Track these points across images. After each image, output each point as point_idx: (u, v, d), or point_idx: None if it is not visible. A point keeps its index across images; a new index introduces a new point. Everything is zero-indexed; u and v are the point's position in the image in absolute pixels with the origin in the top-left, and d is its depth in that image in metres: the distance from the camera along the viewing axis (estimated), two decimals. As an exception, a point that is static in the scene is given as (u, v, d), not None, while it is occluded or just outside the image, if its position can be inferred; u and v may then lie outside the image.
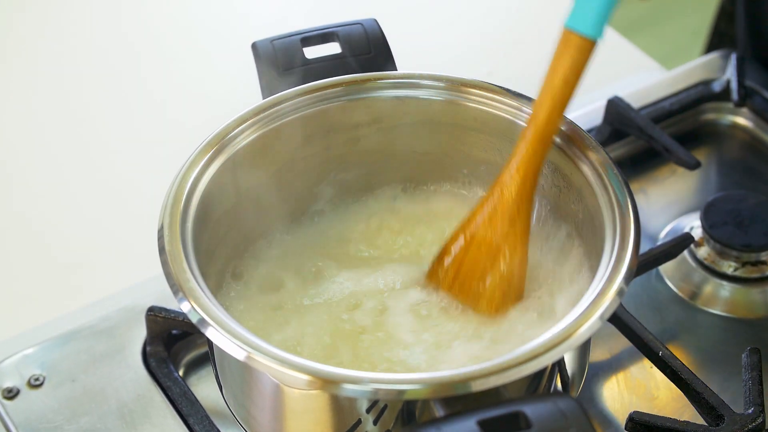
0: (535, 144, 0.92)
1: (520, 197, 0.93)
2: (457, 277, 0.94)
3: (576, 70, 0.91)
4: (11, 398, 1.03)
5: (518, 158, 0.92)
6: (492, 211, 0.93)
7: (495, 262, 0.93)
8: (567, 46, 0.90)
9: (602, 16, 0.90)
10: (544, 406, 0.74)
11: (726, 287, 1.12)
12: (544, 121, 0.91)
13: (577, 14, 0.90)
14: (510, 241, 0.93)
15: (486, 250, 0.93)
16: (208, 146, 0.95)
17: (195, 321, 0.84)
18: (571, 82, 0.91)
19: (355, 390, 0.80)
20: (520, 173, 0.92)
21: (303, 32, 1.02)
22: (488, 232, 0.93)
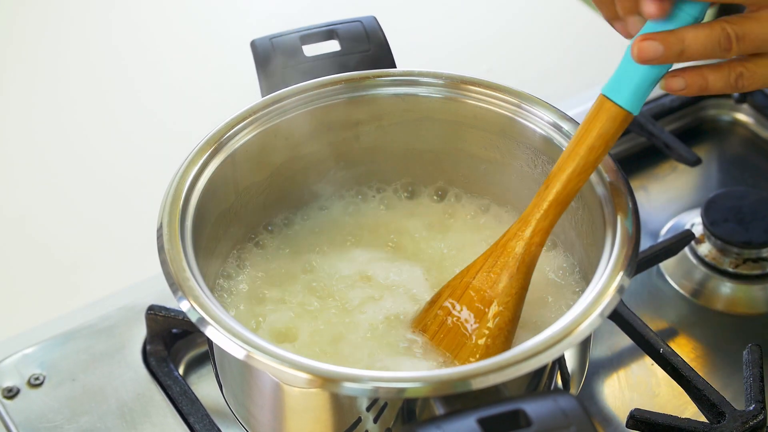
0: (549, 207, 0.90)
1: (524, 255, 0.91)
2: (442, 327, 0.92)
3: (604, 138, 0.88)
4: (11, 398, 1.03)
5: (530, 216, 0.91)
6: (492, 264, 0.91)
7: (485, 315, 0.91)
8: (599, 112, 0.88)
9: (641, 91, 0.87)
10: (545, 404, 0.74)
11: (727, 284, 1.12)
12: (563, 186, 0.89)
13: (616, 84, 0.87)
14: (503, 298, 0.91)
15: (479, 301, 0.91)
16: (207, 144, 0.94)
17: (194, 320, 0.83)
18: (597, 149, 0.88)
19: (356, 388, 0.80)
20: (529, 232, 0.91)
21: (302, 30, 1.02)
22: (485, 285, 0.92)
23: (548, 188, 0.90)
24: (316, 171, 1.02)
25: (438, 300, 0.94)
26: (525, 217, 0.91)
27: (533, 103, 0.97)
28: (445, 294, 0.93)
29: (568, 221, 0.97)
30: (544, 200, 0.90)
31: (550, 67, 1.40)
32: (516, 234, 0.91)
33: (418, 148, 1.03)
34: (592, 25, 1.45)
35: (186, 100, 1.14)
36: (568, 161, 0.89)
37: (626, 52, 0.87)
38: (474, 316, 0.91)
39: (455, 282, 0.93)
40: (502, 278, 0.91)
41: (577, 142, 0.89)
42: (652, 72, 0.86)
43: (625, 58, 0.87)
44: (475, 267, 0.93)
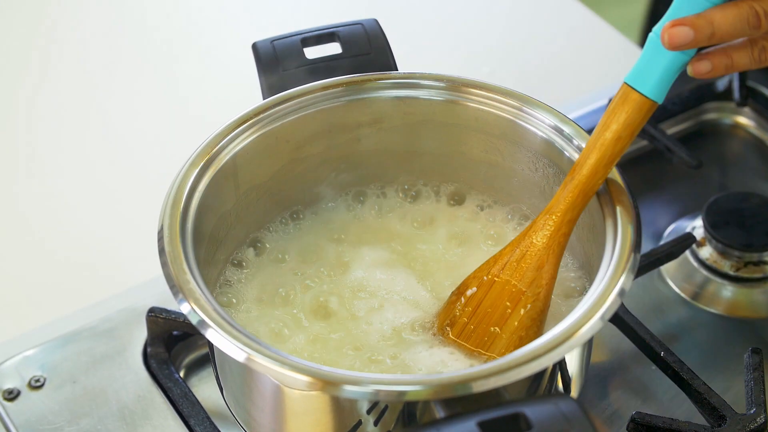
0: (575, 196, 0.90)
1: (551, 246, 0.91)
2: (472, 319, 0.92)
3: (630, 128, 0.88)
4: (12, 399, 1.02)
5: (556, 206, 0.91)
6: (520, 256, 0.91)
7: (516, 308, 0.91)
8: (624, 102, 0.88)
9: (666, 80, 0.87)
10: (545, 407, 0.74)
11: (728, 287, 1.12)
12: (589, 174, 0.89)
13: (640, 73, 0.87)
14: (534, 289, 0.91)
15: (508, 295, 0.91)
16: (209, 147, 0.95)
17: (195, 322, 0.83)
18: (624, 138, 0.88)
19: (356, 391, 0.80)
20: (556, 222, 0.90)
21: (303, 32, 1.02)
22: (513, 277, 0.91)
23: (574, 178, 0.90)
24: (317, 173, 1.02)
25: (463, 292, 0.93)
26: (551, 208, 0.91)
27: (534, 106, 0.97)
28: (472, 285, 0.93)
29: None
30: (570, 191, 0.90)
31: (551, 69, 1.40)
32: (544, 226, 0.91)
33: (419, 151, 1.03)
34: (594, 28, 1.45)
35: (187, 102, 1.14)
36: (594, 151, 0.89)
37: (649, 40, 0.87)
38: (505, 309, 0.91)
39: (480, 274, 0.93)
40: (532, 270, 0.91)
41: (602, 132, 0.89)
42: (677, 59, 0.86)
43: (648, 47, 0.87)
44: (502, 259, 0.92)
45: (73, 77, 1.41)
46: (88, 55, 1.44)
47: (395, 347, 0.93)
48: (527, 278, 0.91)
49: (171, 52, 1.44)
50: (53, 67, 1.42)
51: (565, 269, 0.98)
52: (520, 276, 0.91)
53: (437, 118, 1.00)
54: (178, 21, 1.49)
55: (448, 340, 0.93)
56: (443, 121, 1.00)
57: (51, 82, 1.40)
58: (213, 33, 1.47)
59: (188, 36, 1.47)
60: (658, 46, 0.86)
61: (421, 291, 0.97)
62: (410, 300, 0.96)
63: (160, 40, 1.46)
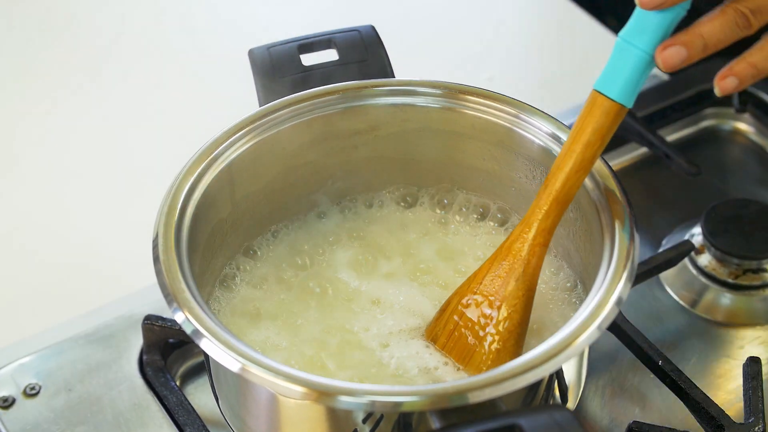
0: (549, 206, 0.90)
1: (529, 257, 0.90)
2: (453, 333, 0.92)
3: (599, 133, 0.88)
4: (7, 407, 1.02)
5: (531, 217, 0.90)
6: (498, 267, 0.91)
7: (494, 320, 0.90)
8: (593, 108, 0.88)
9: (632, 83, 0.87)
10: (540, 418, 0.74)
11: (727, 295, 1.11)
12: (561, 183, 0.89)
13: (607, 78, 0.87)
14: (512, 300, 0.91)
15: (488, 306, 0.91)
16: (204, 154, 0.94)
17: (189, 332, 0.83)
18: (594, 144, 0.88)
19: (351, 402, 0.79)
20: (532, 233, 0.90)
21: (300, 39, 1.02)
22: (491, 289, 0.91)
23: (547, 188, 0.90)
24: (314, 181, 1.02)
25: (447, 308, 0.93)
26: (527, 219, 0.91)
27: (532, 114, 0.97)
28: (454, 302, 0.93)
29: (566, 232, 0.97)
30: (544, 200, 0.90)
31: (549, 76, 1.39)
32: (519, 236, 0.91)
33: (416, 159, 1.02)
34: (593, 34, 1.44)
35: (183, 109, 1.14)
36: (566, 159, 0.89)
37: (616, 45, 0.87)
38: (483, 322, 0.91)
39: (463, 289, 0.93)
40: (509, 281, 0.91)
41: (573, 140, 0.89)
42: (641, 63, 0.87)
43: (615, 52, 0.87)
44: (481, 272, 0.92)
45: (70, 84, 1.41)
46: (86, 62, 1.44)
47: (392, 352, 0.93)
48: (505, 290, 0.91)
49: (167, 58, 1.44)
50: (47, 76, 1.42)
51: (562, 278, 0.98)
52: (498, 288, 0.91)
53: (434, 126, 1.00)
54: (174, 28, 1.49)
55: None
56: (440, 129, 1.00)
57: (49, 88, 1.40)
58: (209, 40, 1.47)
59: (183, 43, 1.47)
60: (624, 51, 0.87)
61: (417, 299, 0.97)
62: (408, 309, 0.96)
63: (155, 47, 1.46)
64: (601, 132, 0.88)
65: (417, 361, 0.92)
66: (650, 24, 0.86)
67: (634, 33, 0.86)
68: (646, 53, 0.86)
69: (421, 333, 0.94)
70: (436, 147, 1.01)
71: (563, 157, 0.89)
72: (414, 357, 0.92)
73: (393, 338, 0.94)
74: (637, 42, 0.86)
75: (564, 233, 0.97)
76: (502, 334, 0.90)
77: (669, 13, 0.86)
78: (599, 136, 0.88)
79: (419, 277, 0.99)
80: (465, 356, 0.91)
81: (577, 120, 0.89)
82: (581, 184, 0.90)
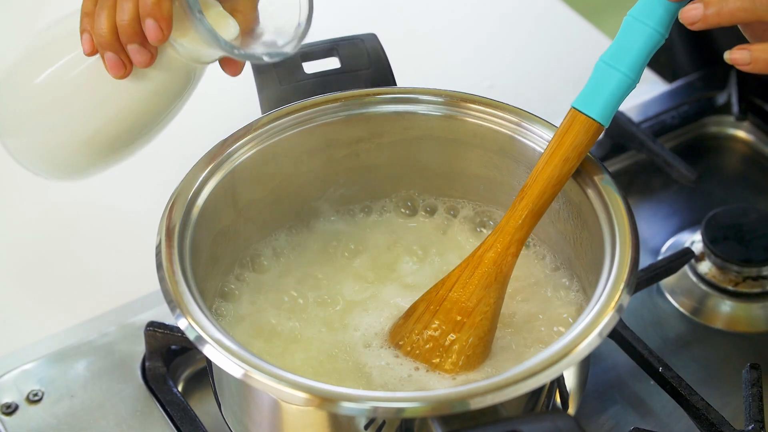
0: (524, 217, 0.91)
1: (500, 265, 0.92)
2: (421, 337, 0.92)
3: (577, 150, 0.90)
4: (10, 414, 1.02)
5: (505, 226, 0.92)
6: (469, 275, 0.92)
7: (464, 327, 0.91)
8: (572, 125, 0.90)
9: (611, 103, 0.90)
10: (542, 425, 0.74)
11: (727, 302, 1.12)
12: (537, 195, 0.91)
13: (586, 97, 0.90)
14: (482, 308, 0.91)
15: (456, 313, 0.92)
16: (207, 162, 0.95)
17: (192, 338, 0.83)
18: (571, 160, 0.91)
19: (354, 408, 0.80)
20: (504, 242, 0.92)
21: (303, 47, 1.02)
22: (462, 296, 0.92)
23: (523, 199, 0.91)
24: (316, 188, 1.02)
25: (413, 314, 0.94)
26: (500, 229, 0.92)
27: (533, 122, 0.97)
28: (421, 307, 0.93)
29: (567, 240, 0.97)
30: (519, 212, 0.92)
31: (551, 84, 1.40)
32: (492, 246, 0.92)
33: (418, 166, 1.03)
34: (595, 43, 1.45)
35: (185, 116, 1.13)
36: (543, 173, 0.91)
37: (596, 67, 0.90)
38: (453, 329, 0.92)
39: (430, 295, 0.94)
40: (480, 289, 0.92)
41: (552, 154, 0.91)
42: (621, 85, 0.89)
43: (596, 73, 0.90)
44: (451, 279, 0.93)
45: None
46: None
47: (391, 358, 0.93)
48: (475, 297, 0.92)
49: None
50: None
51: (563, 286, 0.98)
52: (468, 295, 0.92)
53: (436, 134, 1.00)
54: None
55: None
56: (442, 137, 1.01)
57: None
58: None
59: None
60: (605, 73, 0.90)
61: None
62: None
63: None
64: (579, 149, 0.90)
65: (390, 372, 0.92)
66: (632, 48, 0.89)
67: (615, 56, 0.89)
68: (627, 76, 0.89)
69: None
70: (437, 155, 1.02)
71: (541, 171, 0.91)
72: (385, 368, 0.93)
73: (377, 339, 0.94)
74: (619, 65, 0.89)
75: (566, 241, 0.97)
76: (473, 340, 0.91)
77: (651, 40, 0.88)
78: (577, 153, 0.90)
79: (420, 284, 0.99)
80: (434, 362, 0.92)
81: (555, 135, 0.91)
82: (555, 197, 0.92)
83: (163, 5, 0.88)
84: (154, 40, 0.89)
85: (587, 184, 0.93)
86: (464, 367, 0.91)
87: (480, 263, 0.92)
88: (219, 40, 0.89)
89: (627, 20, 0.89)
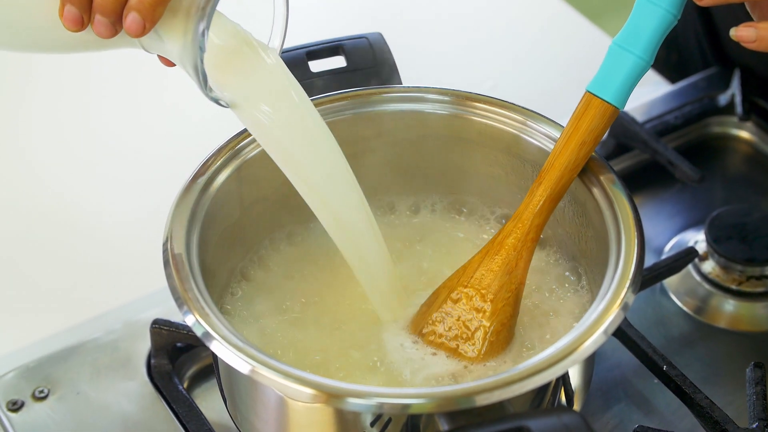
0: (543, 202, 0.92)
1: (521, 251, 0.92)
2: (443, 325, 0.93)
3: (593, 133, 0.91)
4: (16, 410, 1.03)
5: (524, 212, 0.92)
6: (489, 262, 0.93)
7: (486, 313, 0.92)
8: (587, 109, 0.91)
9: (626, 86, 0.90)
10: (549, 420, 0.74)
11: (730, 301, 1.12)
12: (555, 180, 0.91)
13: (601, 80, 0.91)
14: (504, 294, 0.92)
15: (480, 300, 0.92)
16: (213, 159, 0.95)
17: (200, 334, 0.84)
18: (588, 144, 0.91)
19: (360, 404, 0.80)
20: (524, 228, 0.92)
21: (308, 46, 1.03)
22: (483, 283, 0.92)
23: (541, 185, 0.92)
24: (322, 186, 1.02)
25: (435, 301, 0.94)
26: (519, 215, 0.92)
27: (539, 121, 0.98)
28: (443, 295, 0.94)
29: (572, 238, 0.97)
30: (538, 197, 0.92)
31: (554, 84, 1.40)
32: (513, 232, 0.92)
33: (423, 165, 1.03)
34: (597, 42, 1.45)
35: (192, 114, 1.14)
36: (560, 158, 0.91)
37: (610, 50, 0.90)
38: (475, 315, 0.92)
39: (452, 282, 0.94)
40: (501, 275, 0.92)
41: (568, 139, 0.91)
42: (635, 68, 0.90)
43: (609, 56, 0.90)
44: (472, 266, 0.93)
45: (81, 88, 1.41)
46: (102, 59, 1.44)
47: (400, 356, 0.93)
48: (497, 283, 0.92)
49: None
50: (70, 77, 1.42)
51: (568, 283, 0.98)
52: (490, 281, 0.92)
53: (441, 132, 1.01)
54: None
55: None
56: (447, 135, 1.01)
57: (61, 90, 1.41)
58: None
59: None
60: (618, 56, 0.90)
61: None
62: (407, 317, 0.96)
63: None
64: (595, 132, 0.91)
65: (402, 354, 0.93)
66: (645, 30, 0.89)
67: (628, 39, 0.89)
68: (641, 59, 0.89)
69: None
70: (443, 153, 1.02)
71: (558, 156, 0.91)
72: (399, 349, 0.93)
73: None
74: (632, 48, 0.89)
75: (571, 238, 0.98)
76: (496, 326, 0.91)
77: (664, 21, 0.88)
78: (593, 137, 0.91)
79: (424, 283, 0.99)
80: (455, 349, 0.92)
81: (571, 119, 0.91)
82: (572, 181, 0.92)
83: (157, 9, 0.84)
84: (131, 32, 0.84)
85: (593, 183, 0.93)
86: (488, 354, 0.91)
87: (500, 249, 0.92)
88: (201, 77, 0.85)
89: (639, 2, 0.89)
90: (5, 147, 1.33)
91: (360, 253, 0.93)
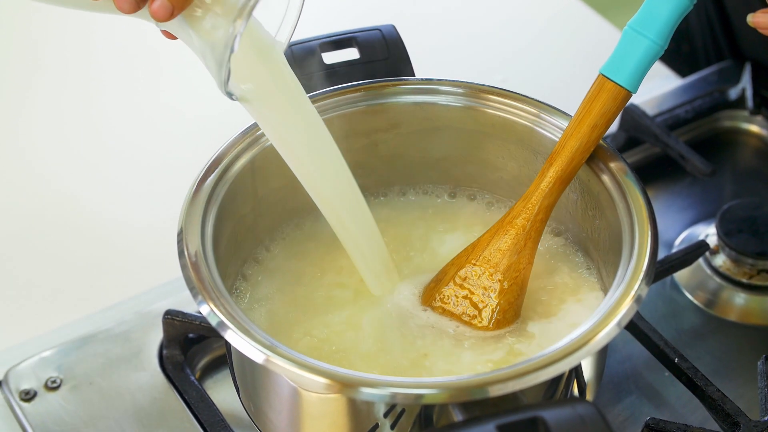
0: (552, 183, 0.92)
1: (529, 231, 0.93)
2: (450, 304, 0.94)
3: (605, 116, 0.91)
4: (28, 400, 1.03)
5: (533, 193, 0.93)
6: (498, 241, 0.93)
7: (495, 291, 0.93)
8: (600, 92, 0.91)
9: (639, 70, 0.90)
10: (563, 411, 0.75)
11: (741, 295, 1.12)
12: (566, 162, 0.92)
13: (614, 64, 0.91)
14: (512, 273, 0.93)
15: (487, 280, 0.93)
16: (228, 150, 0.95)
17: (214, 324, 0.84)
18: (599, 126, 0.91)
19: (373, 394, 0.80)
20: (533, 208, 0.93)
21: (322, 38, 1.03)
22: (491, 262, 0.93)
23: (552, 166, 0.92)
24: (334, 178, 1.02)
25: (444, 278, 0.95)
26: (529, 195, 0.93)
27: (552, 113, 0.98)
28: (452, 272, 0.95)
29: (586, 231, 0.97)
30: (549, 178, 0.93)
31: (564, 77, 1.40)
32: (522, 212, 0.93)
33: (436, 156, 1.03)
34: (608, 34, 1.45)
35: (206, 105, 1.14)
36: (571, 140, 0.92)
37: (624, 33, 0.90)
38: (483, 293, 0.93)
39: (460, 260, 0.95)
40: (510, 255, 0.93)
41: (579, 121, 0.92)
42: (649, 52, 0.90)
43: (624, 40, 0.90)
44: (481, 245, 0.94)
45: (82, 88, 1.41)
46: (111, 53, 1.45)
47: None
48: (505, 263, 0.93)
49: (188, 55, 1.45)
50: (77, 67, 1.43)
51: (581, 275, 0.98)
52: (498, 261, 0.93)
53: (455, 124, 1.01)
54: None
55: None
56: (461, 127, 1.01)
57: (62, 89, 1.41)
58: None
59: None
60: (633, 40, 0.90)
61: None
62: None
63: (177, 43, 1.46)
64: (607, 115, 0.91)
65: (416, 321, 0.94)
66: (660, 15, 0.89)
67: (643, 22, 0.90)
68: (655, 43, 0.90)
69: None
70: (456, 145, 1.02)
71: (569, 138, 0.92)
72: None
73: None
74: (647, 32, 0.89)
75: (584, 231, 0.98)
76: (503, 305, 0.92)
77: (679, 5, 0.88)
78: (605, 120, 0.91)
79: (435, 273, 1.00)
80: (466, 320, 0.93)
81: (583, 102, 0.92)
82: (583, 164, 0.92)
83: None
84: (158, 16, 0.83)
85: (606, 175, 0.93)
86: (495, 327, 0.92)
87: (510, 229, 0.93)
88: (224, 74, 0.83)
89: None
90: (7, 147, 1.33)
91: (349, 227, 0.95)
